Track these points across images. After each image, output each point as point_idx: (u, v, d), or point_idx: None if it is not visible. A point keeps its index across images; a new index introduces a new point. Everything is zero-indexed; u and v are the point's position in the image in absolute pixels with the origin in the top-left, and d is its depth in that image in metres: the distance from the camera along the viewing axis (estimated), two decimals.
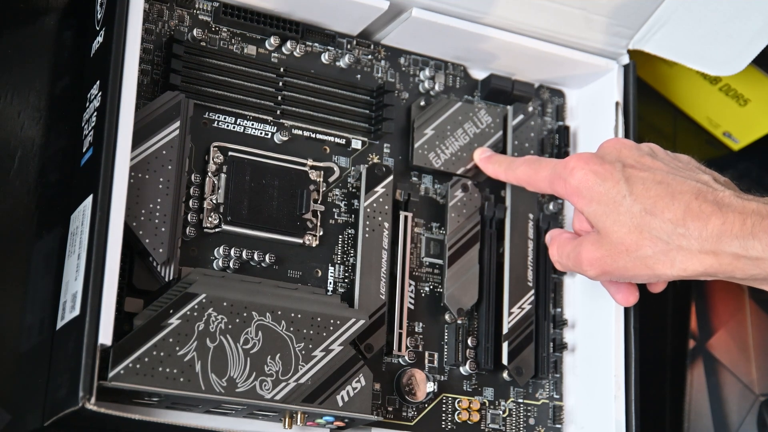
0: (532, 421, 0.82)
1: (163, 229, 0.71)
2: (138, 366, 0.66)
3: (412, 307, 0.80)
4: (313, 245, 0.78)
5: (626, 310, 0.82)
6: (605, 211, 0.73)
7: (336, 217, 0.79)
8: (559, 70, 0.87)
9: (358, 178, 0.80)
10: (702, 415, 0.91)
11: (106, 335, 0.65)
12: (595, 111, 0.88)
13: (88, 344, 0.65)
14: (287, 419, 0.72)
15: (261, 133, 0.78)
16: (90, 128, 0.71)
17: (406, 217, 0.80)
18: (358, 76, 0.82)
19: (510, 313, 0.81)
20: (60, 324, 0.70)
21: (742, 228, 0.70)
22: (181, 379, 0.67)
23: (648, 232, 0.71)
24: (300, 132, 0.79)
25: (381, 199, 0.79)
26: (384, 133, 0.81)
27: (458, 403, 0.80)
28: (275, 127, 0.79)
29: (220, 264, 0.74)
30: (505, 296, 0.82)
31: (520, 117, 0.86)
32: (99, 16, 0.74)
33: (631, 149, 0.76)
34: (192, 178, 0.75)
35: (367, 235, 0.78)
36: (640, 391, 0.81)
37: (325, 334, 0.72)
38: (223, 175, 0.76)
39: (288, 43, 0.79)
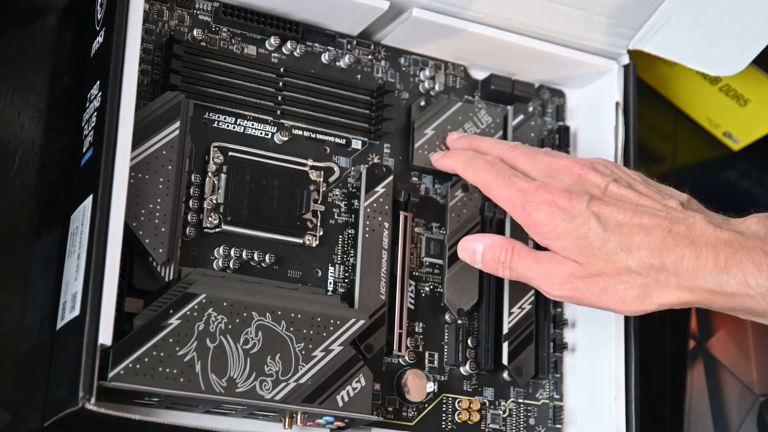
0: (532, 422, 0.82)
1: (163, 229, 0.71)
2: (138, 366, 0.66)
3: (412, 307, 0.80)
4: (313, 245, 0.78)
5: None
6: (578, 245, 0.72)
7: (336, 217, 0.79)
8: (560, 70, 0.87)
9: (358, 178, 0.80)
10: (702, 416, 0.91)
11: (106, 335, 0.65)
12: (595, 111, 0.88)
13: (88, 344, 0.65)
14: (287, 419, 0.72)
15: (261, 133, 0.78)
16: (90, 128, 0.71)
17: (406, 217, 0.80)
18: (359, 76, 0.82)
19: (510, 314, 0.81)
20: (60, 324, 0.70)
21: (715, 263, 0.69)
22: (181, 380, 0.67)
23: (626, 267, 0.71)
24: (300, 132, 0.79)
25: (381, 199, 0.79)
26: (384, 133, 0.81)
27: (458, 403, 0.80)
28: (275, 127, 0.78)
29: (220, 264, 0.74)
30: (505, 296, 0.82)
31: (521, 117, 0.86)
32: (99, 16, 0.74)
33: (595, 176, 0.74)
34: (192, 178, 0.75)
35: (367, 235, 0.78)
36: (640, 392, 0.81)
37: (325, 334, 0.72)
38: (223, 175, 0.76)
39: (288, 43, 0.79)
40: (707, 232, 0.71)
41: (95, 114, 0.71)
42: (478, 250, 0.77)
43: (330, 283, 0.78)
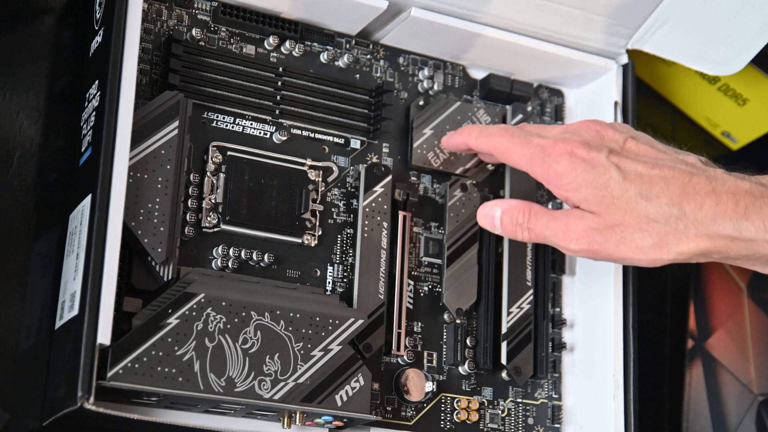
0: (530, 421, 0.82)
1: (161, 229, 0.71)
2: (137, 366, 0.66)
3: (410, 306, 0.80)
4: (312, 245, 0.78)
5: (625, 309, 0.82)
6: (599, 195, 0.72)
7: (335, 216, 0.79)
8: (558, 69, 0.87)
9: (356, 178, 0.80)
10: (700, 415, 0.91)
11: (104, 335, 0.65)
12: (594, 111, 0.88)
13: (87, 344, 0.65)
14: (286, 419, 0.72)
15: (260, 133, 0.78)
16: (89, 128, 0.71)
17: (404, 217, 0.80)
18: (357, 75, 0.82)
19: (509, 313, 0.81)
20: (59, 324, 0.70)
21: (735, 209, 0.70)
22: (180, 379, 0.67)
23: (645, 216, 0.71)
24: (299, 131, 0.79)
25: (380, 199, 0.79)
26: (383, 132, 0.81)
27: (457, 402, 0.80)
28: (274, 127, 0.78)
29: (219, 264, 0.74)
30: (503, 296, 0.82)
31: (519, 117, 0.86)
32: (98, 16, 0.74)
33: (613, 132, 0.75)
34: (191, 177, 0.75)
35: (366, 235, 0.78)
36: (639, 391, 0.81)
37: (323, 333, 0.72)
38: (221, 175, 0.76)
39: (287, 43, 0.79)
40: (728, 182, 0.71)
41: (94, 113, 0.71)
42: (496, 215, 0.76)
43: (329, 282, 0.78)
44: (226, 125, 0.77)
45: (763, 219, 0.69)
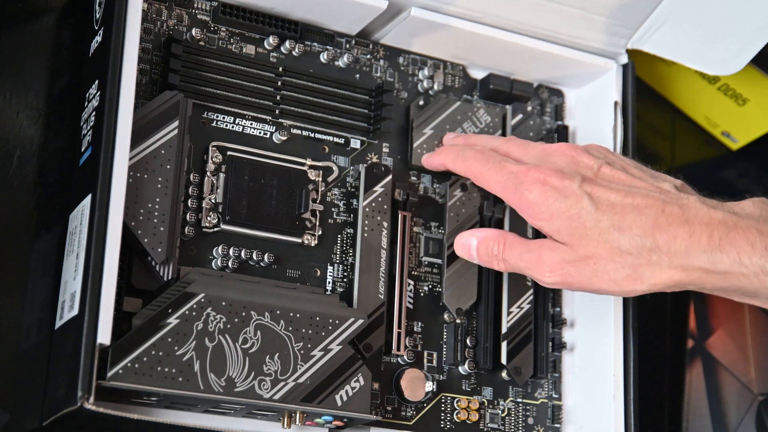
0: (531, 421, 0.82)
1: (161, 229, 0.71)
2: (137, 365, 0.66)
3: (410, 306, 0.80)
4: (312, 245, 0.78)
5: (625, 309, 0.82)
6: (571, 227, 0.71)
7: (335, 216, 0.79)
8: (558, 69, 0.87)
9: (356, 178, 0.80)
10: (700, 415, 0.91)
11: (104, 335, 0.65)
12: (593, 110, 0.88)
13: (87, 344, 0.65)
14: (286, 419, 0.72)
15: (260, 133, 0.78)
16: (89, 128, 0.71)
17: (405, 217, 0.80)
18: (357, 75, 0.82)
19: (509, 313, 0.81)
20: (59, 323, 0.70)
21: (709, 241, 0.69)
22: (180, 379, 0.67)
23: (618, 247, 0.70)
24: (299, 131, 0.79)
25: (380, 199, 0.79)
26: (383, 132, 0.81)
27: (457, 402, 0.80)
28: (274, 127, 0.78)
29: (219, 263, 0.74)
30: (503, 296, 0.82)
31: (519, 116, 0.86)
32: (97, 16, 0.74)
33: (588, 158, 0.74)
34: (191, 177, 0.75)
35: (366, 235, 0.78)
36: (639, 391, 0.81)
37: (323, 333, 0.72)
38: (221, 175, 0.76)
39: (287, 43, 0.79)
40: (701, 212, 0.70)
41: (94, 113, 0.71)
42: (472, 245, 0.77)
43: (329, 282, 0.78)
44: (226, 125, 0.77)
45: (738, 251, 0.69)
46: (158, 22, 0.76)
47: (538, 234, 0.83)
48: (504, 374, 0.82)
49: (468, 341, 0.81)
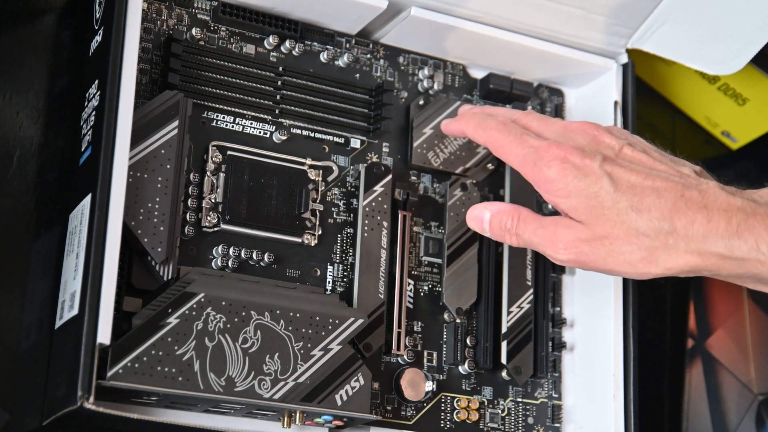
0: (530, 420, 0.82)
1: (161, 228, 0.71)
2: (136, 365, 0.66)
3: (410, 306, 0.80)
4: (312, 244, 0.78)
5: (625, 309, 0.82)
6: (589, 205, 0.71)
7: (335, 216, 0.79)
8: (558, 69, 0.87)
9: (356, 177, 0.80)
10: (700, 415, 0.91)
11: (104, 334, 0.65)
12: (593, 110, 0.88)
13: (87, 343, 0.65)
14: (286, 418, 0.72)
15: (260, 132, 0.78)
16: (89, 127, 0.71)
17: (405, 216, 0.80)
18: (357, 75, 0.82)
19: (509, 312, 0.81)
20: (59, 323, 0.70)
21: (727, 227, 0.69)
22: (180, 379, 0.67)
23: (635, 229, 0.70)
24: (299, 131, 0.79)
25: (380, 198, 0.79)
26: (383, 132, 0.81)
27: (457, 402, 0.80)
28: (274, 126, 0.78)
29: (219, 263, 0.74)
30: (503, 295, 0.82)
31: None
32: (97, 16, 0.74)
33: (609, 138, 0.73)
34: (191, 177, 0.75)
35: (366, 234, 0.78)
36: (639, 391, 0.81)
37: (323, 333, 0.72)
38: (221, 174, 0.76)
39: (287, 42, 0.79)
40: (720, 198, 0.70)
41: (94, 113, 0.71)
42: (485, 218, 0.76)
43: (329, 282, 0.78)
44: (226, 125, 0.77)
45: (756, 238, 0.68)
46: (158, 22, 0.76)
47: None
48: (504, 374, 0.82)
49: (468, 341, 0.81)
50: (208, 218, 0.75)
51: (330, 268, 0.78)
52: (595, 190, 0.71)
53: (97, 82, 0.71)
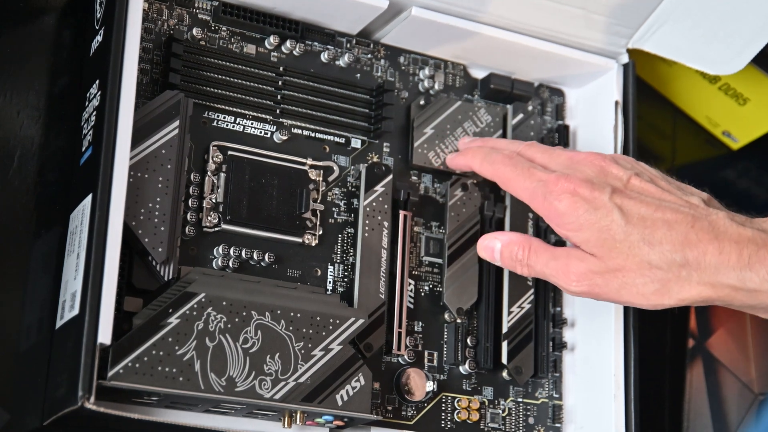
0: (531, 421, 0.82)
1: (162, 228, 0.71)
2: (137, 365, 0.66)
3: (411, 306, 0.80)
4: (313, 244, 0.78)
5: (626, 309, 0.82)
6: (600, 238, 0.71)
7: (335, 216, 0.79)
8: (559, 69, 0.87)
9: (357, 177, 0.80)
10: (701, 414, 0.91)
11: (105, 334, 0.65)
12: (594, 110, 0.87)
13: (88, 343, 0.65)
14: (286, 418, 0.72)
15: (260, 132, 0.78)
16: (89, 127, 0.71)
17: (405, 216, 0.80)
18: (358, 75, 0.82)
19: (509, 313, 0.81)
20: (59, 323, 0.70)
21: (738, 259, 0.69)
22: (181, 379, 0.67)
23: (647, 261, 0.70)
24: (299, 131, 0.79)
25: (380, 198, 0.79)
26: (383, 132, 0.81)
27: (458, 402, 0.80)
28: (275, 126, 0.78)
29: (220, 263, 0.74)
30: (504, 295, 0.82)
31: (520, 116, 0.86)
32: (98, 16, 0.74)
33: (617, 169, 0.74)
34: (191, 177, 0.75)
35: (366, 234, 0.78)
36: (640, 391, 0.81)
37: (324, 333, 0.72)
38: (222, 174, 0.76)
39: (287, 42, 0.79)
40: (730, 229, 0.70)
41: (94, 113, 0.71)
42: (496, 248, 0.76)
43: (329, 282, 0.78)
44: (227, 125, 0.77)
45: (767, 269, 0.69)
46: (159, 22, 0.76)
47: (538, 232, 0.83)
48: (504, 374, 0.82)
49: (468, 341, 0.81)
50: (209, 218, 0.75)
51: (330, 268, 0.78)
52: (606, 223, 0.71)
53: (97, 82, 0.71)
